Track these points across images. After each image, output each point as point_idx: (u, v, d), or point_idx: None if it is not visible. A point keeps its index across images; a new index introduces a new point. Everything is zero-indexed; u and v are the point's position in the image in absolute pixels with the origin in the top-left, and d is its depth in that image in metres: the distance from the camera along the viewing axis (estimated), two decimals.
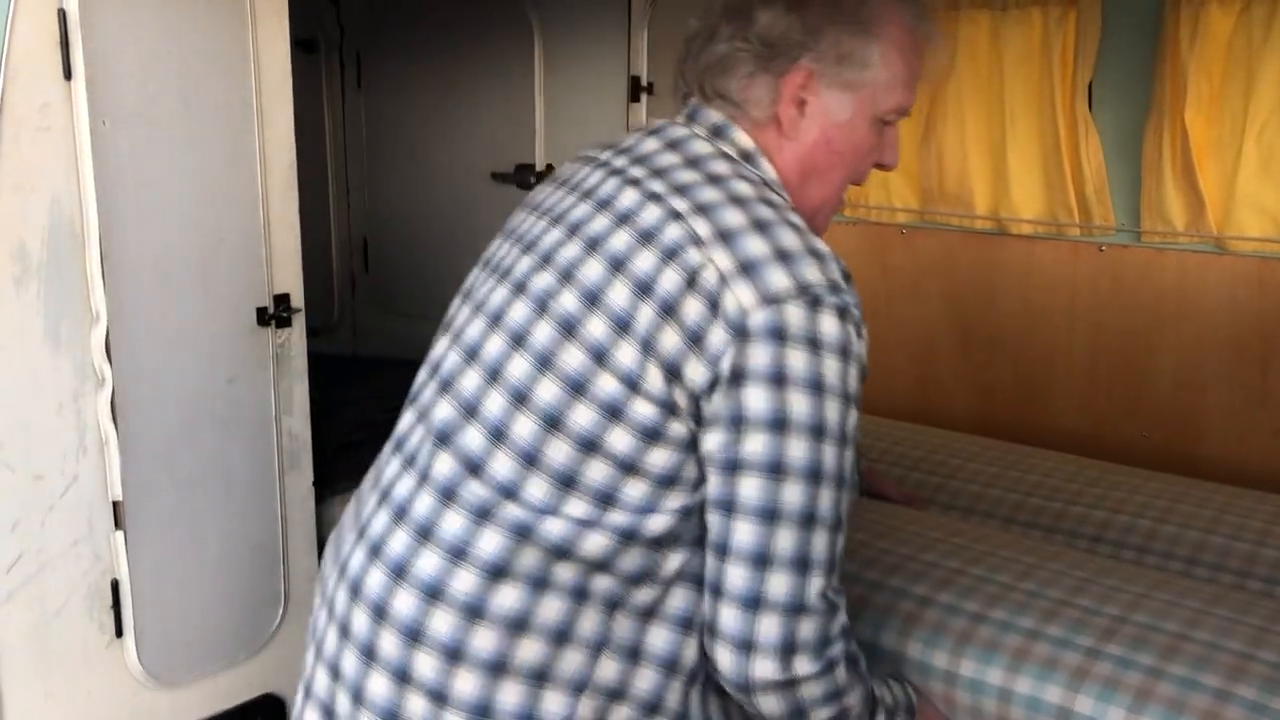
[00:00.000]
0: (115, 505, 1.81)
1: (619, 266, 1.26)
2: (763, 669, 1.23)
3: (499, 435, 1.27)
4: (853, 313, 1.23)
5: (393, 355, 3.04)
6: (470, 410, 1.30)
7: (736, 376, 1.19)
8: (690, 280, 1.22)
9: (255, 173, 1.91)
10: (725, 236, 1.23)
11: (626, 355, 1.22)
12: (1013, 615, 1.71)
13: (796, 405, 1.20)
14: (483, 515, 1.26)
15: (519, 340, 1.29)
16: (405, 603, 1.27)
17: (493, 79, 3.07)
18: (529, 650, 1.24)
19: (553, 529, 1.24)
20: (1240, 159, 2.57)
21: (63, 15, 1.63)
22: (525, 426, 1.26)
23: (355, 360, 3.10)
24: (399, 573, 1.28)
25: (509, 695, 1.24)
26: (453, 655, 1.24)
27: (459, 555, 1.25)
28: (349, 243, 3.53)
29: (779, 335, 1.19)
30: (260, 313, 1.96)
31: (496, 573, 1.24)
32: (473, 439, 1.29)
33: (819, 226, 1.43)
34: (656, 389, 1.22)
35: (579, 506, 1.24)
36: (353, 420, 2.37)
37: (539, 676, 1.25)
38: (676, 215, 1.26)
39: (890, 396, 3.22)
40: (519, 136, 3.03)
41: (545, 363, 1.26)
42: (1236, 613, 1.76)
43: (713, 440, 1.22)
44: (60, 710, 1.80)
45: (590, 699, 1.26)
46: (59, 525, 1.75)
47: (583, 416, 1.23)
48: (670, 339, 1.21)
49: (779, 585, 1.22)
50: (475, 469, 1.27)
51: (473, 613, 1.24)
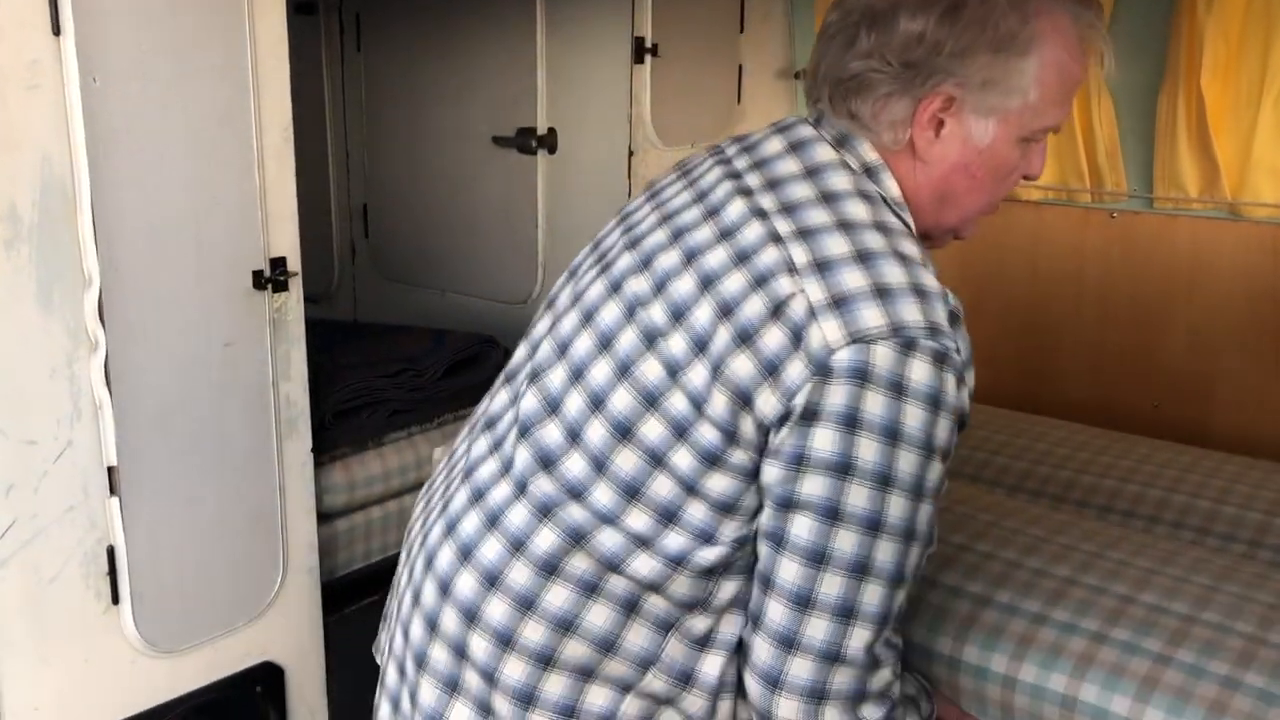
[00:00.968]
0: (110, 471, 1.78)
1: (709, 285, 1.22)
2: (787, 709, 1.21)
3: (575, 436, 1.26)
4: (953, 359, 1.14)
5: (393, 322, 3.02)
6: (553, 407, 1.30)
7: (809, 414, 1.13)
8: (775, 310, 1.16)
9: (250, 133, 1.87)
10: (822, 266, 1.17)
11: (698, 376, 1.19)
12: (1018, 599, 1.68)
13: (865, 451, 1.13)
14: (545, 512, 1.26)
15: (606, 344, 1.28)
16: (467, 584, 1.29)
17: (494, 41, 3.02)
18: (576, 650, 1.26)
19: (606, 541, 1.24)
20: (1257, 123, 2.52)
21: None
22: (597, 432, 1.25)
23: (355, 327, 3.07)
24: (465, 555, 1.30)
25: (554, 686, 1.26)
26: (504, 642, 1.27)
27: (518, 548, 1.27)
28: (349, 208, 3.49)
29: (861, 376, 1.12)
30: (256, 276, 1.92)
31: (550, 570, 1.25)
32: (552, 435, 1.28)
33: (962, 237, 1.37)
34: (720, 415, 1.18)
35: (641, 519, 1.23)
36: (352, 387, 2.34)
37: (586, 673, 1.26)
38: (777, 238, 1.20)
39: None
40: (521, 100, 2.98)
41: (625, 371, 1.24)
42: (1247, 589, 1.73)
43: (772, 473, 1.18)
44: (56, 678, 1.78)
45: (637, 699, 1.27)
46: (53, 491, 1.73)
47: (653, 430, 1.21)
48: (744, 366, 1.16)
49: (817, 630, 1.18)
50: (549, 465, 1.27)
51: (525, 605, 1.26)
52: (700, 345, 1.20)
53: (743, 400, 1.17)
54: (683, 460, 1.20)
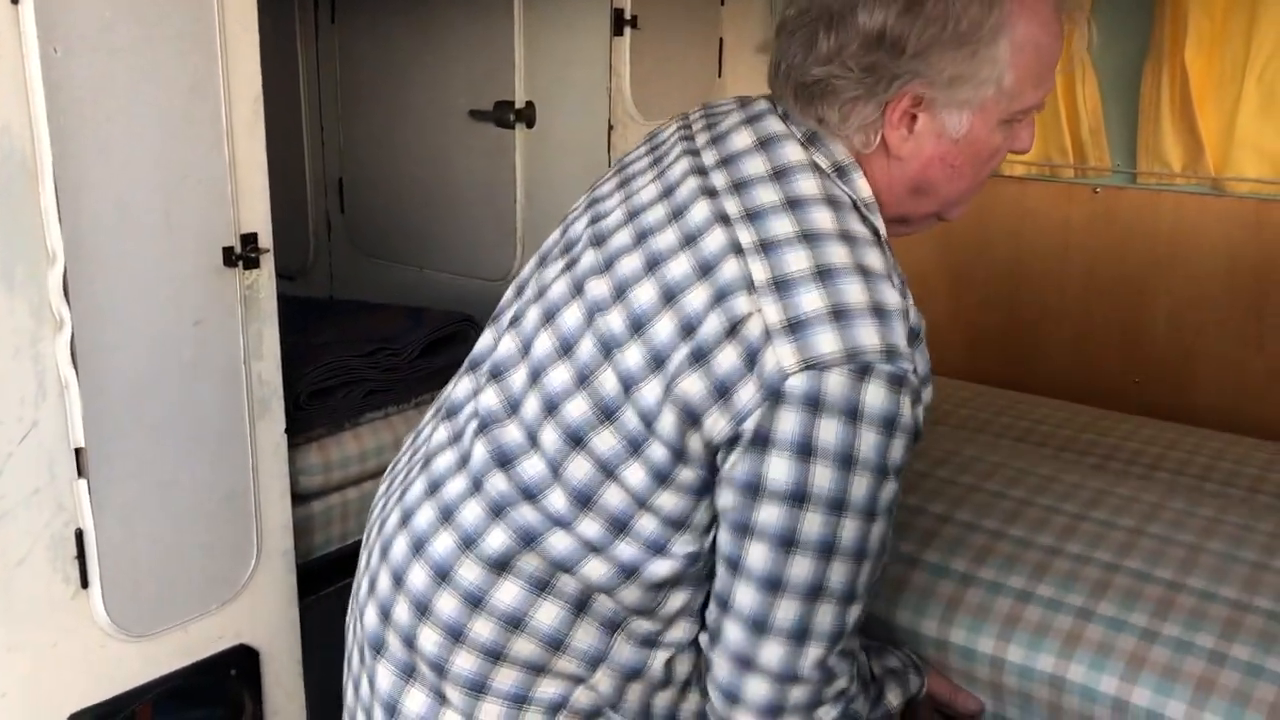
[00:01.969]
0: (77, 452, 1.74)
1: (671, 299, 1.18)
2: None
3: (533, 438, 1.25)
4: (910, 380, 1.11)
5: (370, 299, 2.98)
6: (514, 407, 1.28)
7: (761, 440, 1.11)
8: (731, 329, 1.13)
9: (220, 106, 1.82)
10: (780, 285, 1.13)
11: (651, 393, 1.17)
12: (1002, 573, 1.67)
13: (820, 479, 1.11)
14: (497, 512, 1.25)
15: (566, 348, 1.26)
16: (419, 577, 1.29)
17: (471, 13, 2.96)
18: (524, 647, 1.25)
19: (558, 544, 1.23)
20: (1241, 99, 2.51)
21: None
22: (550, 437, 1.23)
23: (330, 304, 3.03)
24: (418, 547, 1.30)
25: (505, 678, 1.27)
26: (454, 636, 1.27)
27: (469, 545, 1.26)
28: (324, 183, 3.44)
29: (813, 404, 1.09)
30: (227, 253, 1.87)
31: (500, 568, 1.24)
32: (511, 435, 1.27)
33: (948, 219, 1.33)
34: (668, 433, 1.16)
35: (593, 527, 1.22)
36: (327, 366, 2.30)
37: (536, 669, 1.26)
38: (738, 249, 1.17)
39: None
40: (498, 73, 2.93)
41: (583, 380, 1.22)
42: (1232, 547, 1.73)
43: (727, 498, 1.16)
44: (25, 662, 1.75)
45: (588, 691, 1.28)
46: (18, 473, 1.68)
47: (605, 443, 1.20)
48: (694, 386, 1.14)
49: (772, 653, 1.18)
50: (506, 464, 1.26)
51: (474, 602, 1.25)
52: (658, 361, 1.17)
53: (691, 420, 1.15)
54: (634, 476, 1.19)
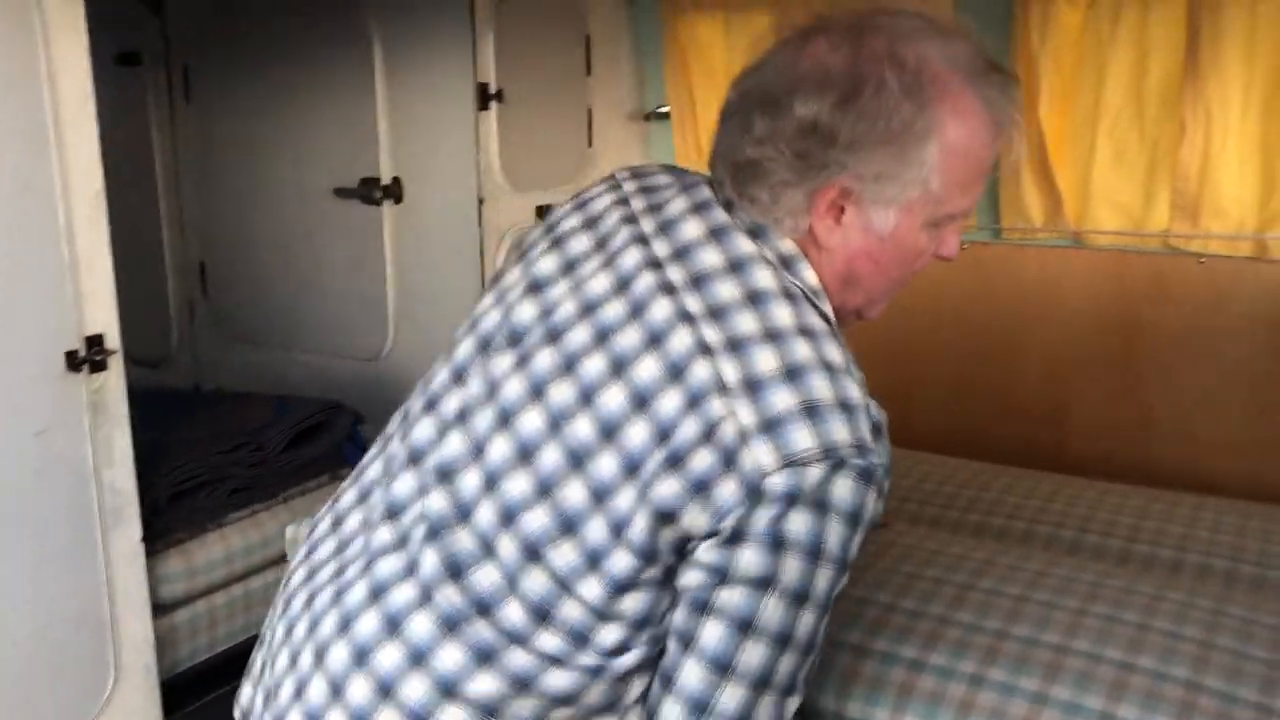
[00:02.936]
0: None
1: (643, 403, 1.14)
2: None
3: (488, 548, 1.18)
4: (876, 474, 1.11)
5: (236, 387, 2.86)
6: (465, 514, 1.20)
7: (737, 535, 1.09)
8: (707, 433, 1.10)
9: (55, 204, 1.72)
10: (751, 386, 1.11)
11: (625, 499, 1.12)
12: (893, 644, 1.64)
13: (789, 570, 1.10)
14: (450, 626, 1.17)
15: (525, 455, 1.19)
16: (360, 690, 1.18)
17: (332, 89, 2.90)
18: None
19: (517, 660, 1.16)
20: (1094, 153, 2.58)
21: None
22: (508, 548, 1.16)
23: (192, 396, 2.90)
24: (360, 658, 1.20)
25: None
26: None
27: (418, 660, 1.17)
28: (185, 267, 3.31)
29: (792, 499, 1.08)
30: (70, 356, 1.76)
31: (448, 691, 1.16)
32: (463, 543, 1.19)
33: (866, 318, 1.32)
34: (639, 537, 1.12)
35: (552, 641, 1.16)
36: (190, 463, 2.18)
37: None
38: (706, 350, 1.14)
39: None
40: (363, 149, 2.86)
41: (546, 491, 1.16)
42: (1115, 609, 1.73)
43: (692, 578, 1.13)
44: None
45: None
46: None
47: (564, 556, 1.14)
48: (670, 487, 1.10)
49: None
50: (458, 574, 1.18)
51: None
52: (632, 468, 1.13)
53: (666, 519, 1.11)
54: (591, 591, 1.14)
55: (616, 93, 3.10)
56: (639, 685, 1.21)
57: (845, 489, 1.10)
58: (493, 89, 2.66)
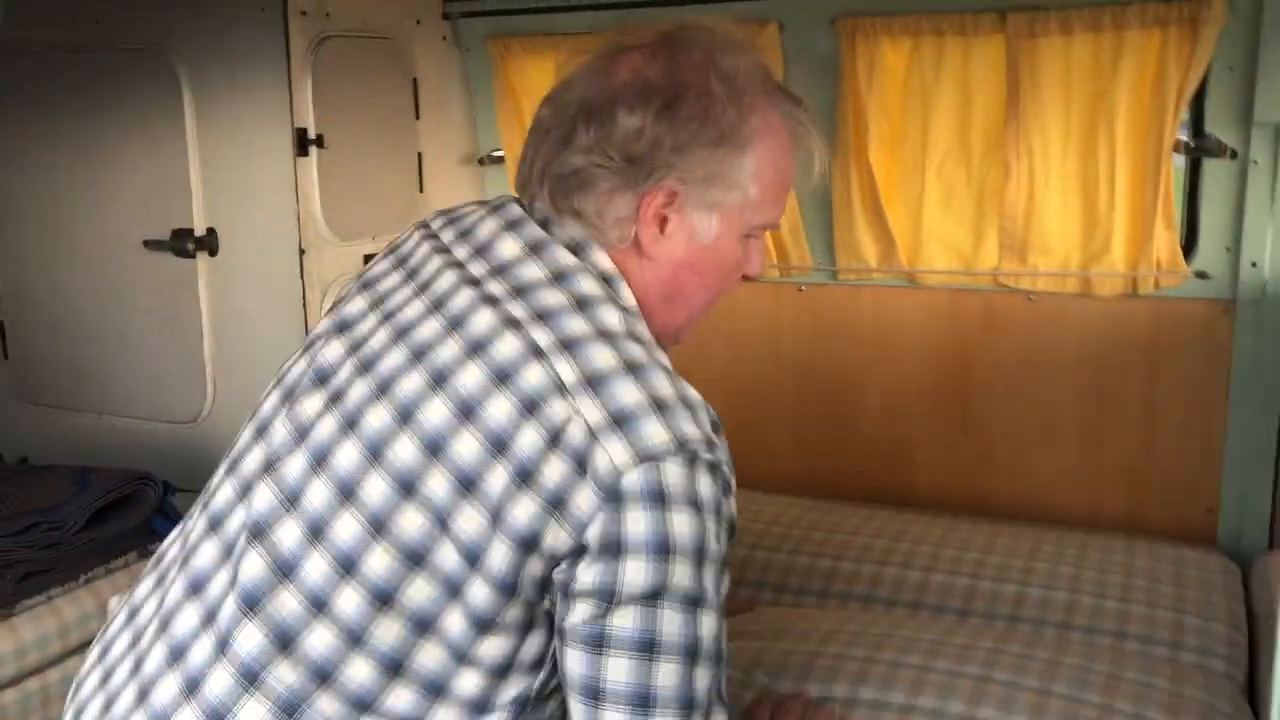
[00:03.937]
0: None
1: (468, 413, 1.06)
2: None
3: (319, 605, 1.06)
4: (723, 470, 1.10)
5: (42, 456, 2.63)
6: (286, 571, 1.08)
7: (611, 547, 1.03)
8: (553, 439, 1.04)
9: None
10: (594, 382, 1.07)
11: (471, 524, 1.04)
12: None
13: (679, 575, 1.05)
14: (289, 711, 1.06)
15: (348, 493, 1.08)
16: None
17: (139, 137, 2.72)
18: None
19: None
20: (924, 194, 2.61)
21: None
22: (351, 601, 1.05)
23: None
24: None
25: None
26: None
27: None
28: None
29: (659, 498, 1.03)
30: None
31: None
32: (289, 606, 1.07)
33: (681, 340, 1.35)
34: (499, 568, 1.03)
35: (404, 696, 1.06)
36: None
37: None
38: (538, 352, 1.08)
39: None
40: (174, 199, 2.69)
41: (379, 527, 1.06)
42: (957, 665, 1.72)
43: (578, 612, 1.05)
44: None
45: None
46: None
47: (420, 592, 1.05)
48: (526, 508, 1.03)
49: None
50: (287, 645, 1.06)
51: None
52: (467, 484, 1.05)
53: (528, 545, 1.04)
54: (454, 624, 1.05)
55: (448, 136, 3.00)
56: None
57: (707, 484, 1.07)
58: (312, 134, 2.53)
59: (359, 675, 1.06)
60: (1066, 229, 2.49)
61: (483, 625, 1.05)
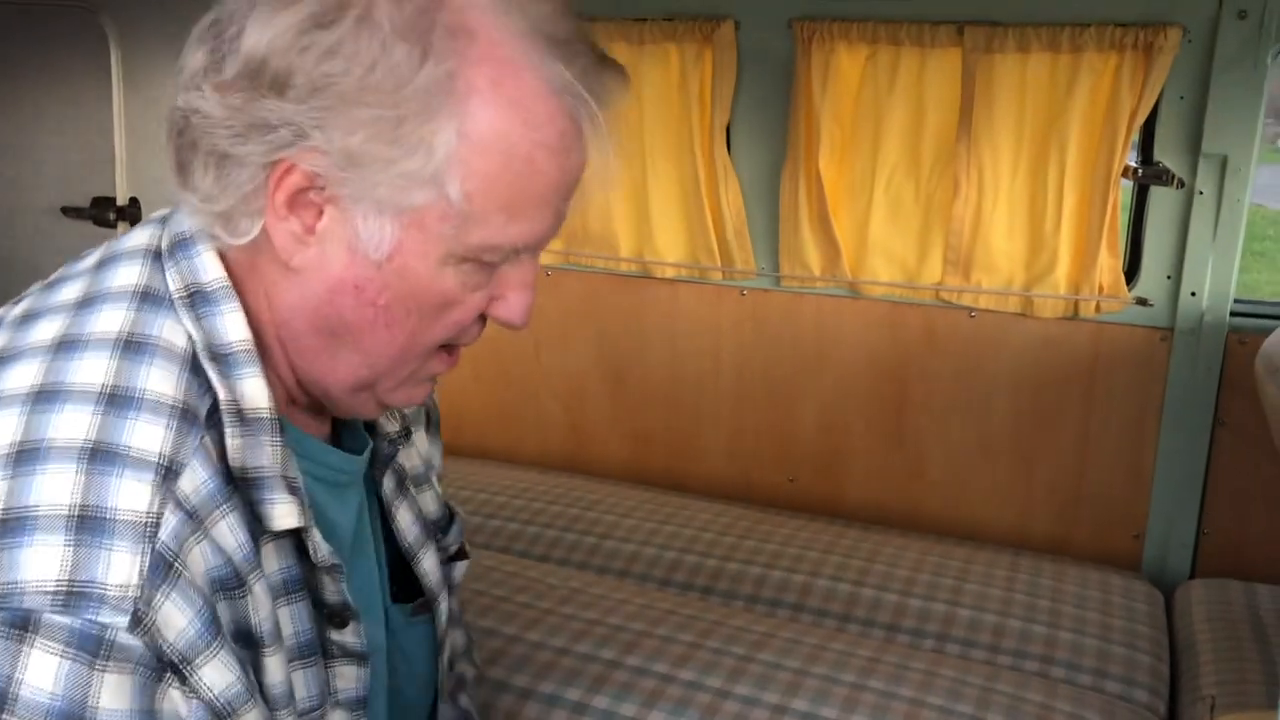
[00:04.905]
0: None
1: None
2: None
3: None
4: (111, 639, 0.71)
5: None
6: None
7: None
8: None
9: None
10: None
11: None
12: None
13: None
14: None
15: None
16: None
17: (62, 98, 2.59)
18: None
19: None
20: (871, 206, 2.59)
21: None
22: None
23: None
24: None
25: None
26: None
27: None
28: None
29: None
30: None
31: None
32: None
33: (390, 404, 0.91)
34: None
35: None
36: None
37: None
38: None
39: (543, 445, 3.04)
40: (96, 166, 2.57)
41: None
42: (891, 686, 1.70)
43: None
44: None
45: None
46: None
47: None
48: None
49: None
50: None
51: None
52: None
53: None
54: None
55: None
56: None
57: (38, 672, 0.71)
58: None
59: None
60: (1011, 248, 2.48)
61: None
